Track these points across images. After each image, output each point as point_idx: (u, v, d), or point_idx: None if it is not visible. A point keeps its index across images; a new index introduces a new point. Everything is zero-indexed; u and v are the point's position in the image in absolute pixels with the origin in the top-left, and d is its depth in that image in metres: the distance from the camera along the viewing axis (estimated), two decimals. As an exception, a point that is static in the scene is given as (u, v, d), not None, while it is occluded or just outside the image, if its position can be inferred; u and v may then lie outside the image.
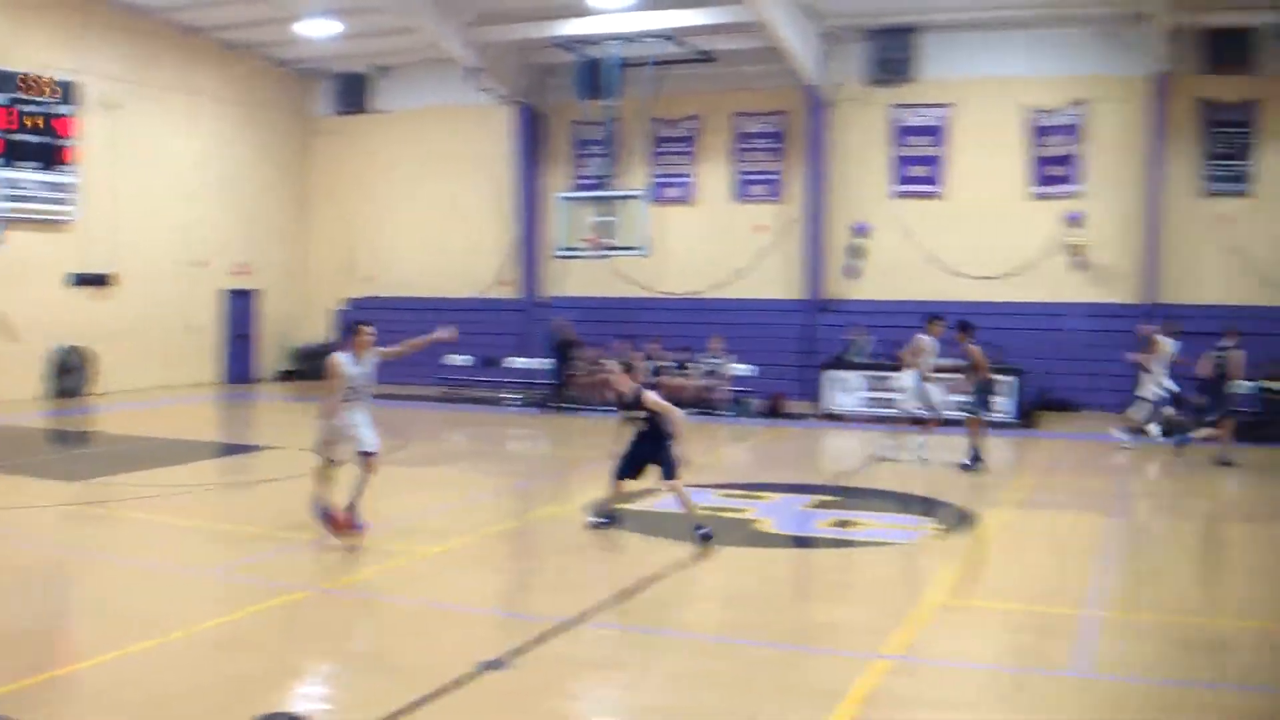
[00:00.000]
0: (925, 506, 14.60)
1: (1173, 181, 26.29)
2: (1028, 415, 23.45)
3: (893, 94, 28.03)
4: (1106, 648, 8.75)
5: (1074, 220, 26.13)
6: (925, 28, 27.51)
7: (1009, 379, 23.21)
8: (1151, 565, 11.99)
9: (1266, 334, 24.10)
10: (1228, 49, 25.67)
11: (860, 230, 27.72)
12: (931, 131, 27.87)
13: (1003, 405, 22.98)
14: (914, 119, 27.98)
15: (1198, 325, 24.58)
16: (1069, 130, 26.78)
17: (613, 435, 12.37)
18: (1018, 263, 27.00)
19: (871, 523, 13.56)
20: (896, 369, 21.56)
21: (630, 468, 12.23)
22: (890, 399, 23.07)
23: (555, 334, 26.38)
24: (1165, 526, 14.19)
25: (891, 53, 27.72)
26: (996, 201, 27.21)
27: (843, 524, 13.42)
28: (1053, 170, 26.93)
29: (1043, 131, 27.05)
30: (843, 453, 21.24)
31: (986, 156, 27.32)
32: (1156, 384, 20.19)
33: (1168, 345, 20.13)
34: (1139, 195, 26.34)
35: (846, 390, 24.59)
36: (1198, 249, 26.38)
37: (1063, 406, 25.09)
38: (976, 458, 17.62)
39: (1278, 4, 24.06)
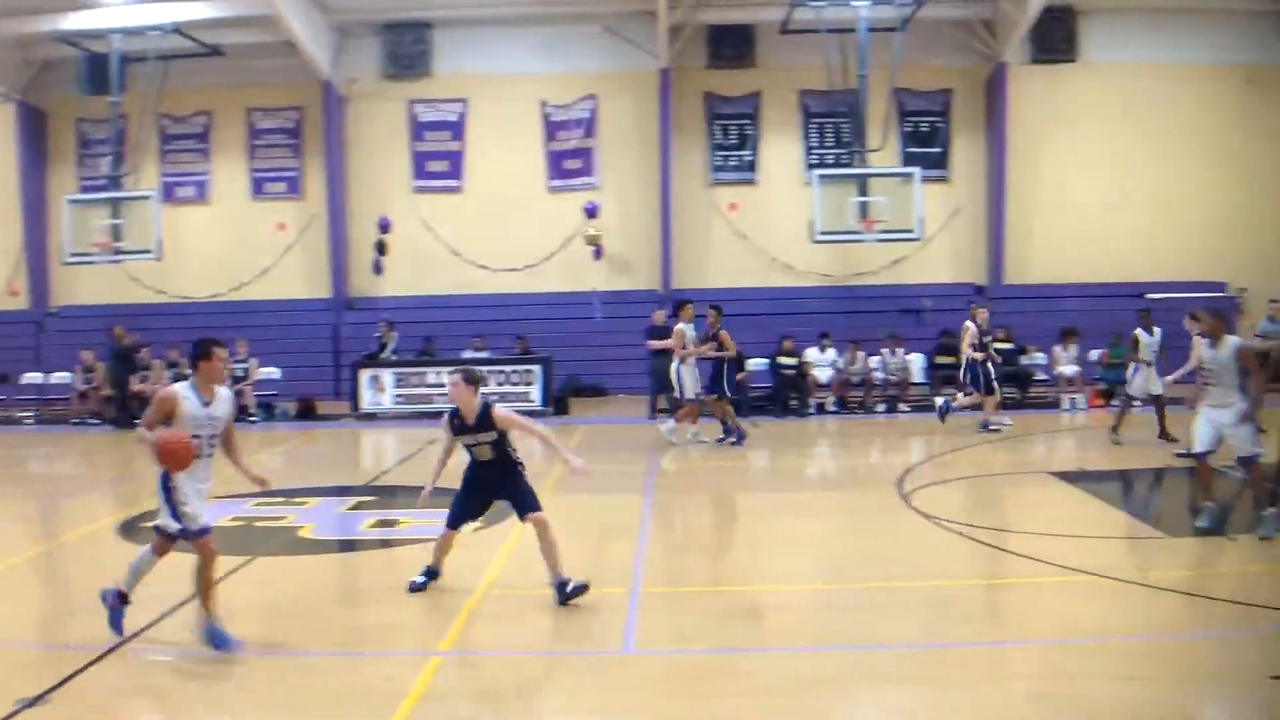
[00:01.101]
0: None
1: (682, 172, 27.64)
2: (559, 402, 23.92)
3: (409, 88, 28.06)
4: (653, 623, 8.96)
5: (591, 211, 26.89)
6: (439, 23, 27.69)
7: (536, 367, 23.63)
8: (693, 540, 12.45)
9: (774, 313, 25.76)
10: (730, 44, 27.24)
11: (383, 226, 27.49)
12: (450, 126, 28.04)
13: (532, 393, 23.39)
14: (432, 114, 28.07)
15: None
16: (583, 124, 27.62)
17: (435, 468, 9.85)
18: (539, 254, 27.59)
19: (413, 520, 13.37)
20: (428, 365, 21.66)
21: (472, 508, 9.84)
22: (422, 395, 23.16)
23: (115, 343, 24.32)
24: (705, 502, 14.75)
25: (406, 47, 27.71)
26: (516, 194, 27.74)
27: (385, 524, 13.22)
28: (569, 163, 27.73)
29: (558, 126, 27.78)
30: (380, 451, 20.99)
31: (505, 150, 27.81)
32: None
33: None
34: (651, 186, 27.50)
35: (380, 389, 24.28)
36: (707, 236, 27.84)
37: (592, 392, 25.81)
38: (731, 431, 18.82)
39: (776, 1, 25.57)
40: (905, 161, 27.00)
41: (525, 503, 9.58)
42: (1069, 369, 22.98)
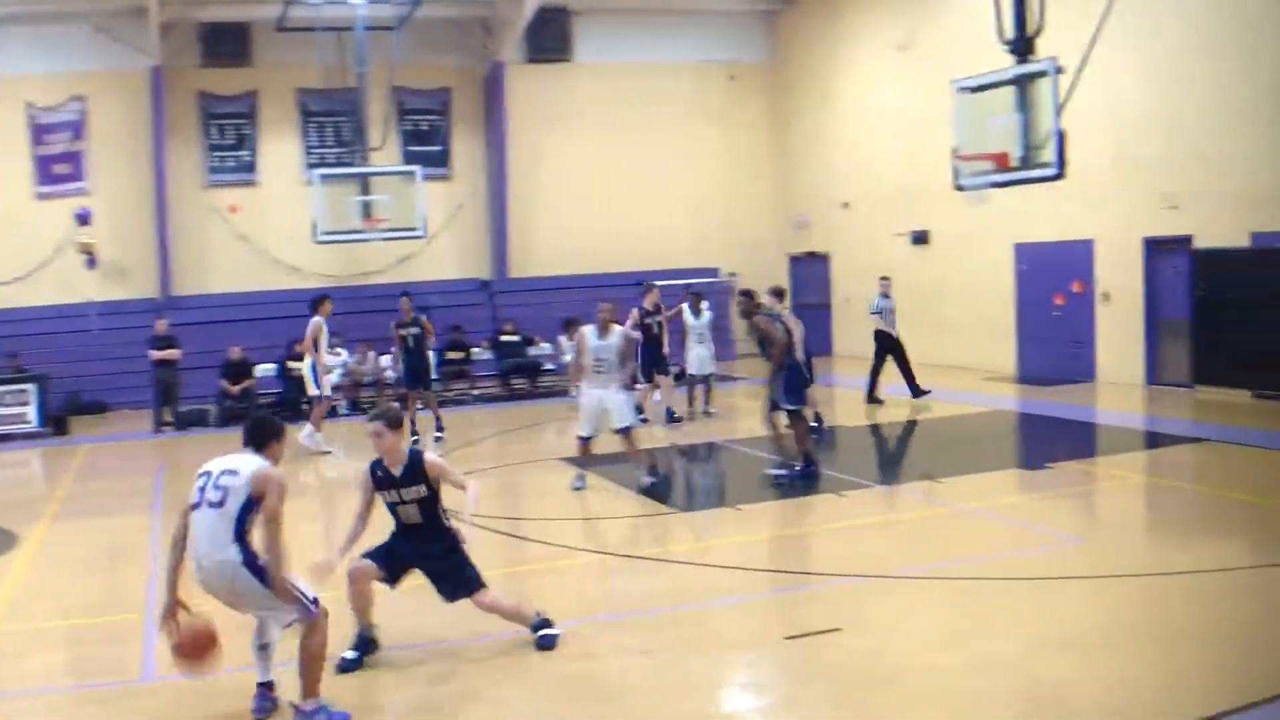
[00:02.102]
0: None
1: (177, 174, 26.78)
2: (58, 422, 22.45)
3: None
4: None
5: (83, 218, 25.48)
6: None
7: (31, 386, 22.19)
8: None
9: (281, 317, 25.29)
10: (224, 42, 26.59)
11: None
12: (-72, 134, 25.86)
13: (28, 414, 21.99)
14: (-88, 120, 25.79)
15: (210, 315, 25.31)
16: (71, 127, 26.20)
17: (351, 531, 8.33)
18: (29, 265, 25.86)
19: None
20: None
21: (391, 571, 8.22)
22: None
23: None
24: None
25: None
26: (2, 203, 25.81)
27: None
28: (58, 168, 26.18)
29: (44, 129, 26.20)
30: None
31: (-10, 157, 25.87)
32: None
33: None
34: (146, 189, 26.44)
35: None
36: (206, 239, 27.10)
37: (95, 409, 24.47)
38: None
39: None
40: (406, 160, 27.20)
41: (460, 586, 8.18)
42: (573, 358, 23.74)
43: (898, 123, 26.13)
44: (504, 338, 25.40)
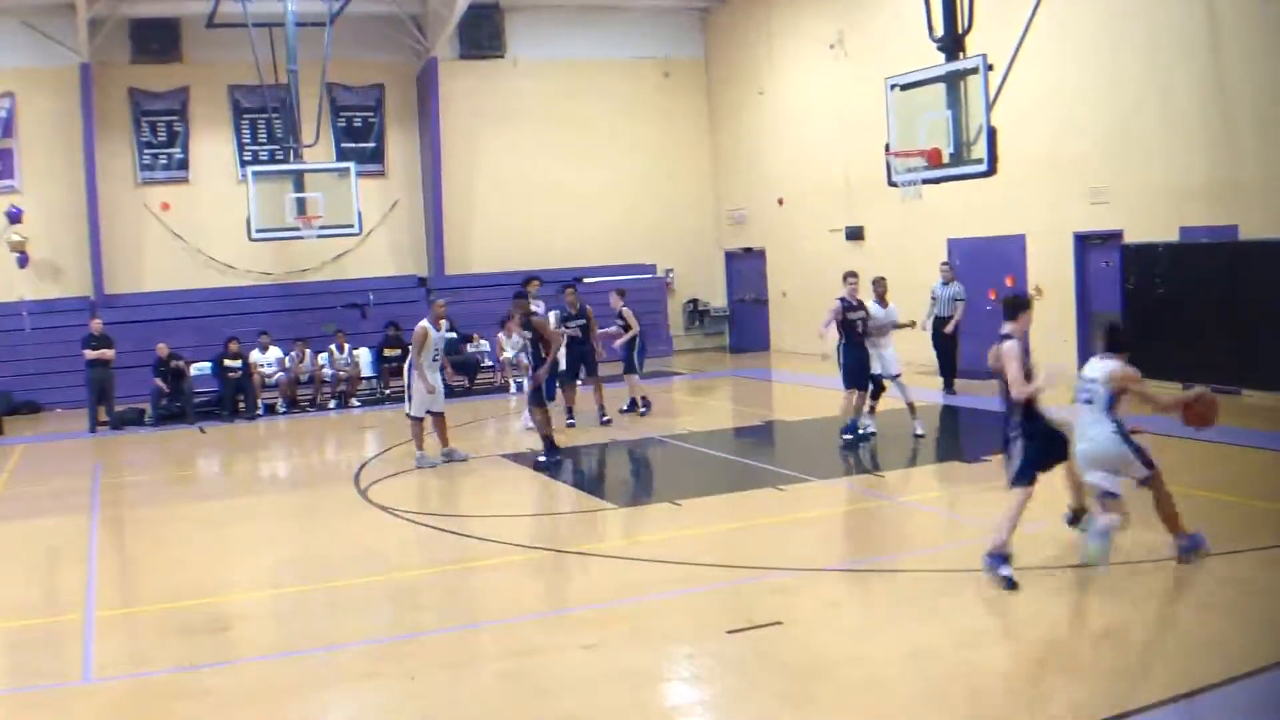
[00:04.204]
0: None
1: (109, 172, 26.51)
2: (-9, 422, 22.16)
3: None
4: (112, 647, 8.68)
5: (14, 217, 25.15)
6: None
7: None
8: (147, 556, 12.06)
9: (216, 315, 25.13)
10: (155, 38, 26.35)
11: None
12: None
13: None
14: None
15: (145, 314, 25.05)
16: (0, 124, 25.75)
17: None
18: (-40, 265, 25.52)
19: None
20: None
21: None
22: None
23: None
24: (158, 515, 14.26)
25: None
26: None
27: None
28: (-13, 165, 25.80)
29: (-33, 127, 25.81)
30: None
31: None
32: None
33: None
34: (77, 187, 26.11)
35: None
36: (139, 237, 26.84)
37: (28, 409, 24.17)
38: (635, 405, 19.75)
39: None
40: (340, 156, 27.05)
41: None
42: (513, 354, 23.71)
43: (831, 119, 26.28)
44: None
